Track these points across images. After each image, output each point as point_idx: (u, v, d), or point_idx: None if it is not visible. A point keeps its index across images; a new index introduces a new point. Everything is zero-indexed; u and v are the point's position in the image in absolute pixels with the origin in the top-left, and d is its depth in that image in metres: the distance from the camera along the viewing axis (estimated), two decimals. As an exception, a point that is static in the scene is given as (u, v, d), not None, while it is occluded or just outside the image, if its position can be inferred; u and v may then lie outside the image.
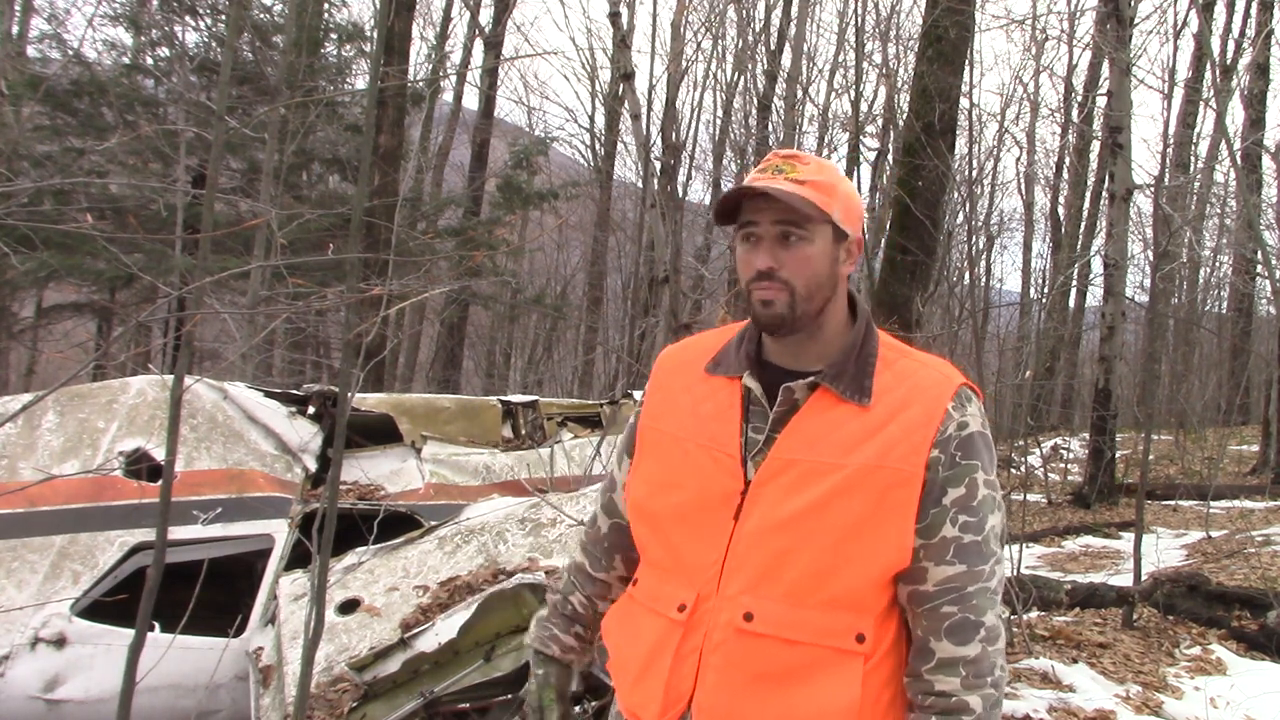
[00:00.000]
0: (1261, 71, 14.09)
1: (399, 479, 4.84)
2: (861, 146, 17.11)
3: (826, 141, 18.77)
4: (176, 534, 3.75)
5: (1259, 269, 14.52)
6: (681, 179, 20.14)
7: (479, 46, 19.52)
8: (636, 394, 5.89)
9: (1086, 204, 20.31)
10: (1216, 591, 5.40)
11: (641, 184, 16.46)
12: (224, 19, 11.33)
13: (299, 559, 4.03)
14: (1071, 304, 20.38)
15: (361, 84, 12.78)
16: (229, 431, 4.44)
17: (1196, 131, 16.59)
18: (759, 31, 17.64)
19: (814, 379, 1.41)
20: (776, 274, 1.39)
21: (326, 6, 12.52)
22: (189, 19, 11.79)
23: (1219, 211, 18.39)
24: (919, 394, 1.40)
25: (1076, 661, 4.47)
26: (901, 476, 1.35)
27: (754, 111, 18.47)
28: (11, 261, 7.48)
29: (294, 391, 4.98)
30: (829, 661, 1.36)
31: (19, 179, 7.02)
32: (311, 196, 12.52)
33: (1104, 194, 14.00)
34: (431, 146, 19.08)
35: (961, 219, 13.85)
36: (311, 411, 4.82)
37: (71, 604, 3.69)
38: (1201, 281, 20.72)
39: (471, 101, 19.88)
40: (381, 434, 5.08)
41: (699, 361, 1.53)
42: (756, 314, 1.41)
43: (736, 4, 16.63)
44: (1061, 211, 21.42)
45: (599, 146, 21.99)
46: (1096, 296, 15.22)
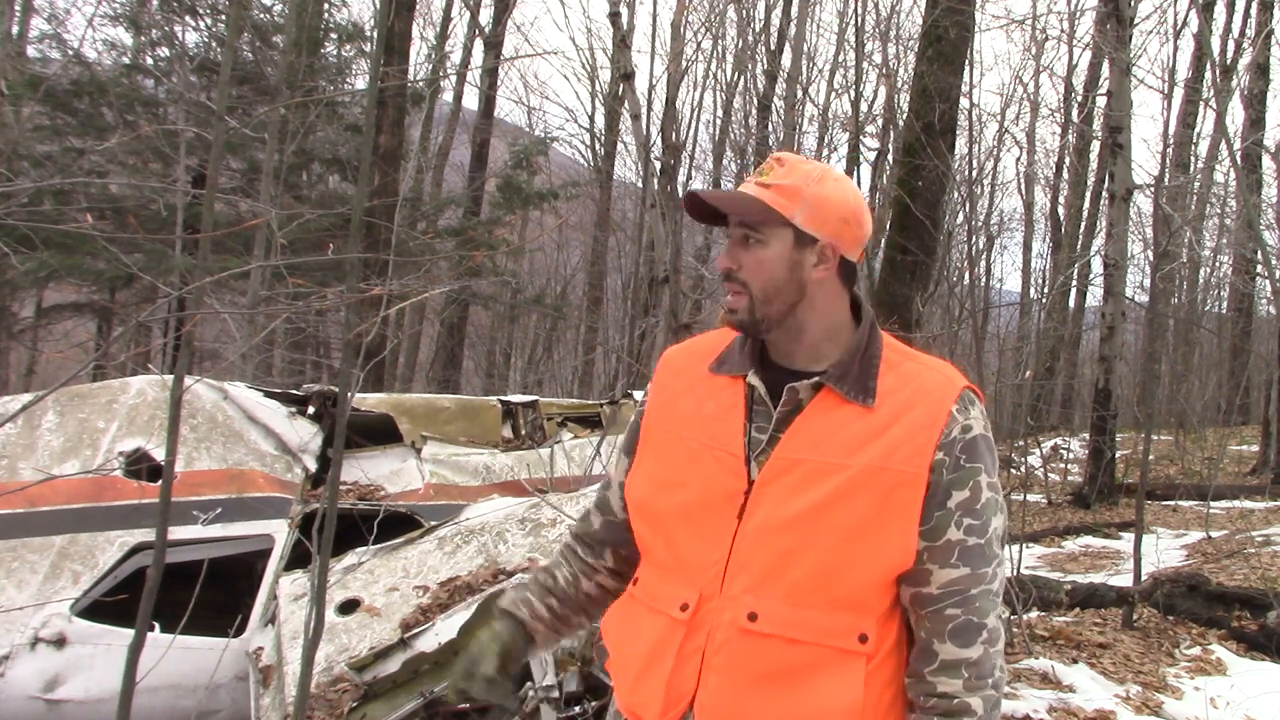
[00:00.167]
0: (1261, 71, 14.09)
1: (399, 479, 4.84)
2: (861, 146, 17.12)
3: (826, 141, 18.77)
4: (176, 534, 3.75)
5: (1259, 269, 14.52)
6: (681, 179, 20.12)
7: (479, 46, 19.53)
8: (637, 394, 5.89)
9: (1086, 204, 20.31)
10: (1216, 592, 5.41)
11: (641, 184, 16.45)
12: (224, 19, 11.33)
13: (299, 559, 4.03)
14: (1071, 304, 20.38)
15: (361, 84, 12.78)
16: (229, 431, 4.44)
17: (1196, 131, 16.59)
18: (759, 31, 17.63)
19: (818, 379, 1.42)
20: (735, 275, 1.43)
21: (326, 6, 12.52)
22: (189, 19, 11.79)
23: (1219, 211, 18.40)
24: (923, 396, 1.40)
25: (1076, 662, 4.47)
26: (905, 478, 1.35)
27: (754, 111, 18.48)
28: (11, 261, 7.47)
29: (294, 391, 4.98)
30: (832, 661, 1.36)
31: (19, 179, 7.02)
32: (311, 196, 12.52)
33: (1104, 194, 14.01)
34: (431, 146, 19.08)
35: (961, 219, 13.86)
36: (311, 411, 4.82)
37: (71, 604, 3.70)
38: (1201, 281, 20.73)
39: (471, 101, 19.91)
40: (381, 434, 5.09)
41: (703, 361, 1.53)
42: (724, 314, 1.45)
43: (736, 4, 16.61)
44: (1061, 211, 21.41)
45: (599, 146, 22.00)
46: (1096, 296, 15.25)
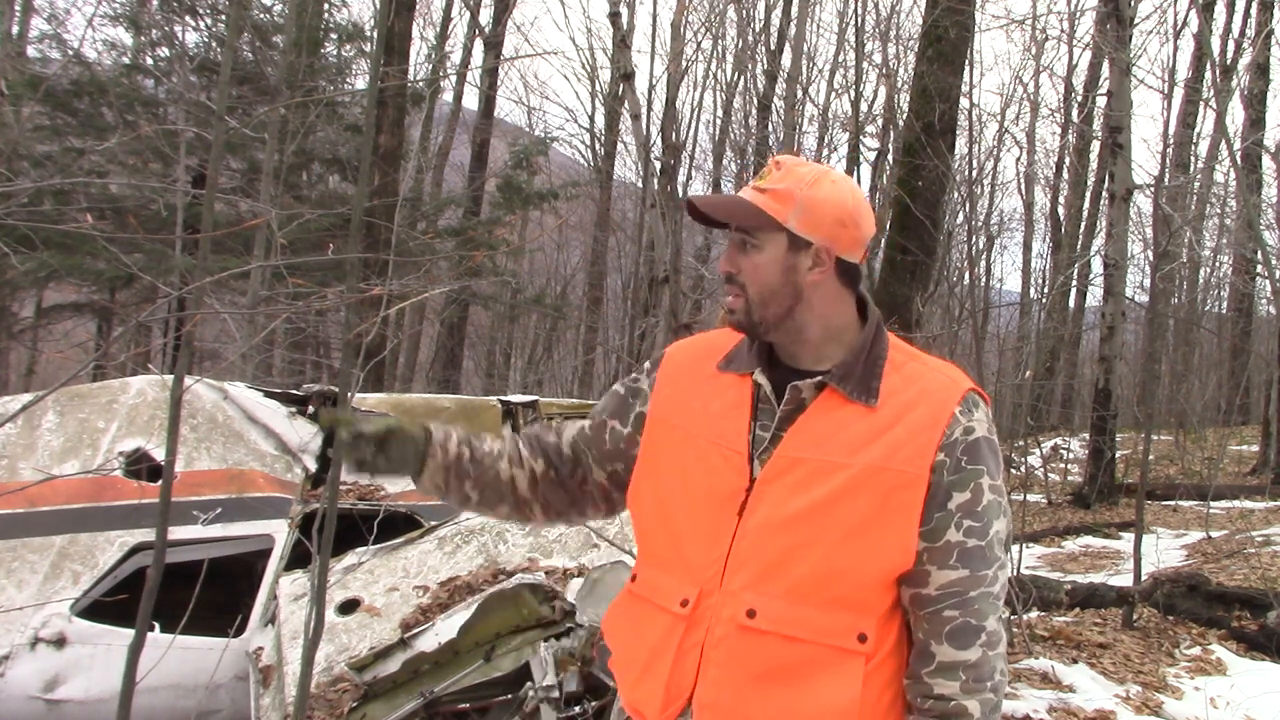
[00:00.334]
0: (1261, 71, 14.08)
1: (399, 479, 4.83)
2: (861, 146, 17.14)
3: (826, 141, 18.77)
4: (176, 534, 3.74)
5: (1259, 269, 14.52)
6: (681, 179, 20.11)
7: (479, 46, 19.53)
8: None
9: (1086, 204, 20.29)
10: (1216, 592, 5.41)
11: (641, 184, 16.45)
12: (224, 19, 11.33)
13: (299, 559, 4.03)
14: (1071, 304, 20.35)
15: (361, 84, 12.78)
16: (229, 431, 4.44)
17: (1196, 131, 16.57)
18: (759, 31, 17.62)
19: (821, 379, 1.42)
20: (735, 278, 1.45)
21: (326, 6, 12.52)
22: (189, 19, 11.79)
23: (1219, 211, 18.38)
24: (926, 397, 1.40)
25: (1076, 662, 4.48)
26: (906, 479, 1.36)
27: (754, 111, 18.47)
28: (11, 261, 7.47)
29: (294, 391, 4.98)
30: (830, 660, 1.36)
31: (19, 179, 7.01)
32: (311, 196, 12.52)
33: (1104, 194, 14.01)
34: (431, 146, 19.08)
35: (961, 219, 13.83)
36: (311, 411, 4.82)
37: (71, 604, 3.69)
38: (1201, 281, 20.71)
39: (471, 101, 19.91)
40: (381, 434, 5.07)
41: (710, 359, 1.54)
42: (724, 314, 1.47)
43: (736, 4, 16.60)
44: (1061, 211, 21.40)
45: (599, 146, 21.98)
46: (1096, 296, 15.23)
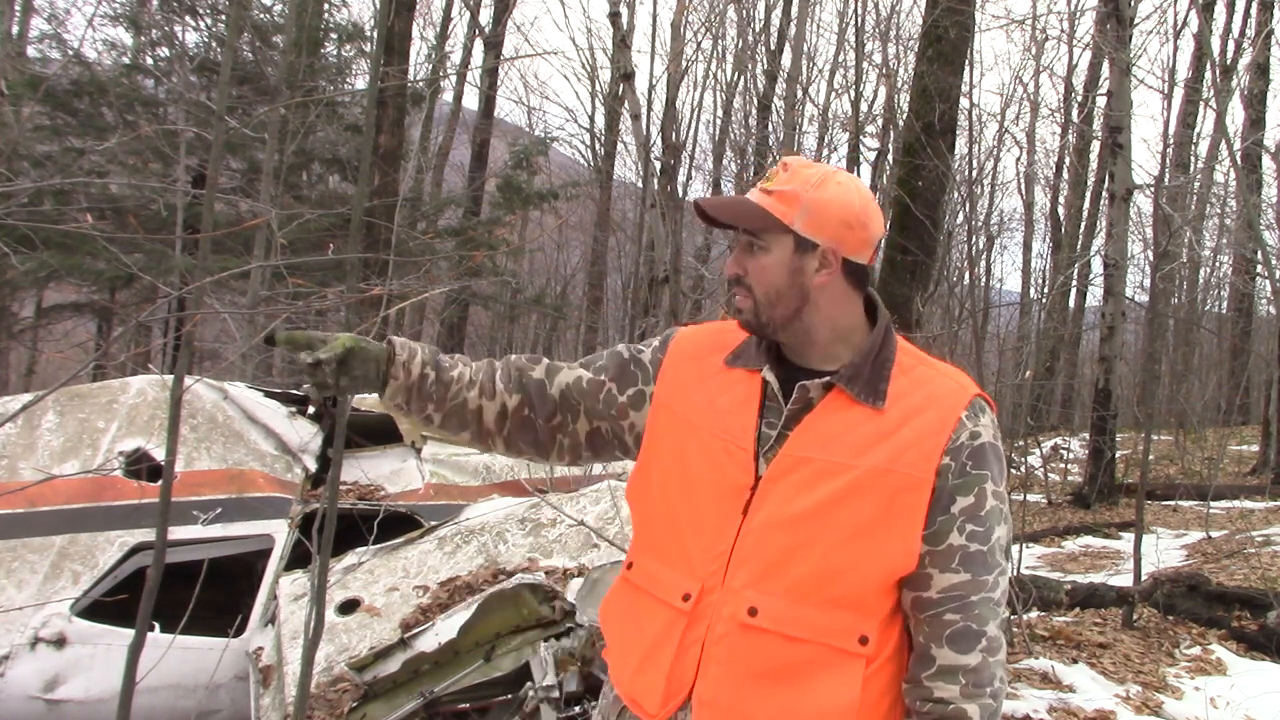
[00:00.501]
0: (1261, 71, 14.07)
1: (399, 479, 4.84)
2: (861, 146, 17.14)
3: (826, 141, 18.79)
4: (176, 534, 3.75)
5: (1259, 269, 14.51)
6: (681, 179, 20.17)
7: (479, 46, 19.54)
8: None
9: (1086, 204, 20.29)
10: (1216, 592, 5.40)
11: (641, 184, 16.45)
12: (224, 19, 11.33)
13: (299, 559, 4.03)
14: (1071, 304, 20.35)
15: (361, 84, 12.78)
16: (229, 431, 4.44)
17: (1196, 131, 16.57)
18: (759, 31, 17.65)
19: (829, 379, 1.42)
20: (743, 280, 1.45)
21: (326, 6, 12.53)
22: (189, 19, 11.80)
23: (1219, 211, 18.37)
24: (933, 401, 1.41)
25: (1076, 661, 4.48)
26: (911, 481, 1.36)
27: (754, 111, 18.50)
28: (11, 261, 7.47)
29: (294, 391, 4.97)
30: (830, 661, 1.36)
31: (19, 179, 7.01)
32: (311, 196, 12.52)
33: (1104, 194, 14.01)
34: (431, 146, 19.09)
35: (961, 219, 13.82)
36: (311, 411, 4.82)
37: (71, 604, 3.70)
38: (1201, 281, 20.71)
39: (471, 101, 19.92)
40: (381, 434, 5.08)
41: (718, 352, 1.54)
42: (726, 313, 1.45)
43: (736, 4, 16.63)
44: (1061, 211, 21.40)
45: (599, 146, 22.01)
46: (1096, 296, 15.21)
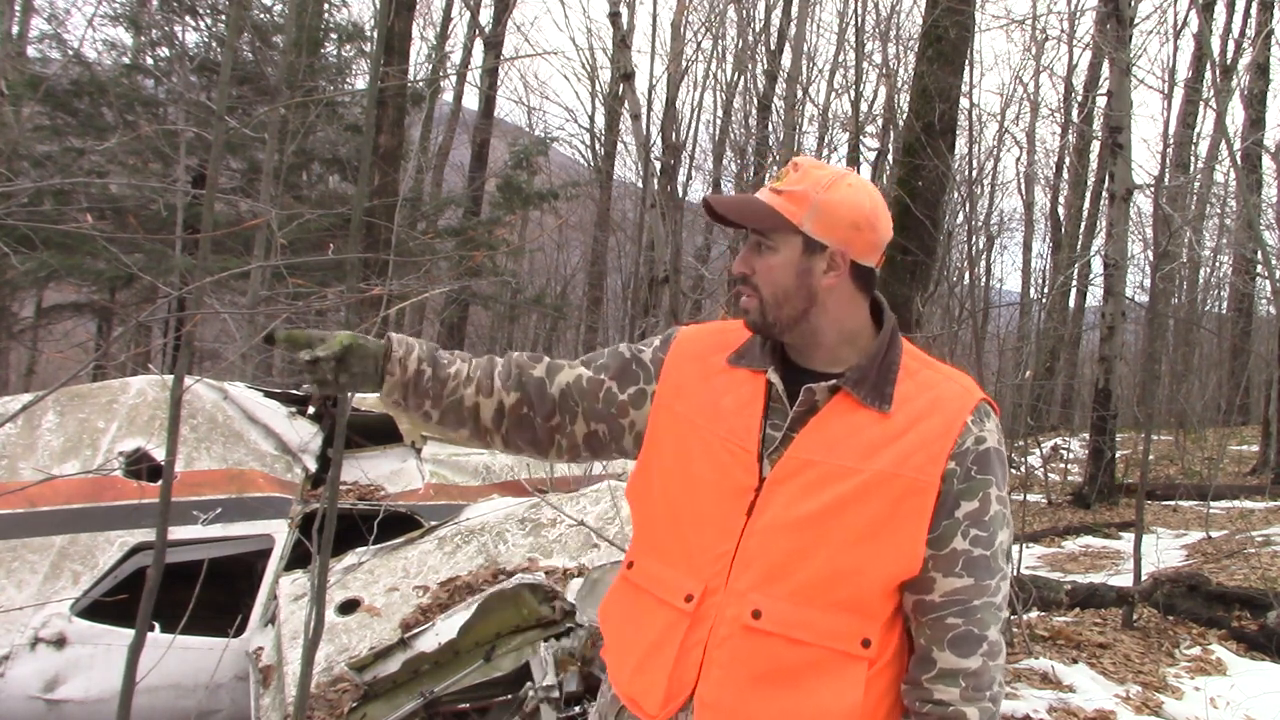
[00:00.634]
0: (1261, 71, 14.08)
1: (399, 479, 4.84)
2: (861, 146, 17.13)
3: (826, 141, 18.79)
4: (176, 534, 3.75)
5: (1259, 269, 14.52)
6: (681, 179, 20.14)
7: (479, 46, 19.55)
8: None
9: (1086, 204, 20.29)
10: (1216, 592, 5.40)
11: (641, 184, 16.45)
12: (224, 19, 11.33)
13: (299, 559, 4.03)
14: (1071, 304, 20.35)
15: (361, 84, 12.78)
16: (229, 431, 4.44)
17: (1196, 131, 16.57)
18: (759, 31, 17.65)
19: (835, 382, 1.42)
20: (750, 279, 1.45)
21: (326, 6, 12.53)
22: (189, 19, 11.80)
23: (1219, 211, 18.38)
24: (939, 405, 1.41)
25: (1076, 662, 4.47)
26: (917, 486, 1.36)
27: (754, 111, 18.51)
28: (11, 261, 7.47)
29: (294, 391, 4.98)
30: (833, 664, 1.36)
31: (19, 179, 7.01)
32: (311, 196, 12.52)
33: (1104, 194, 14.00)
34: (431, 146, 19.09)
35: (961, 219, 13.85)
36: (311, 411, 4.82)
37: (71, 604, 3.70)
38: (1201, 281, 20.71)
39: (471, 101, 19.93)
40: (381, 434, 5.08)
41: (721, 352, 1.53)
42: (729, 311, 1.45)
43: (736, 4, 16.64)
44: (1061, 211, 21.40)
45: (599, 146, 22.02)
46: (1096, 296, 15.22)
